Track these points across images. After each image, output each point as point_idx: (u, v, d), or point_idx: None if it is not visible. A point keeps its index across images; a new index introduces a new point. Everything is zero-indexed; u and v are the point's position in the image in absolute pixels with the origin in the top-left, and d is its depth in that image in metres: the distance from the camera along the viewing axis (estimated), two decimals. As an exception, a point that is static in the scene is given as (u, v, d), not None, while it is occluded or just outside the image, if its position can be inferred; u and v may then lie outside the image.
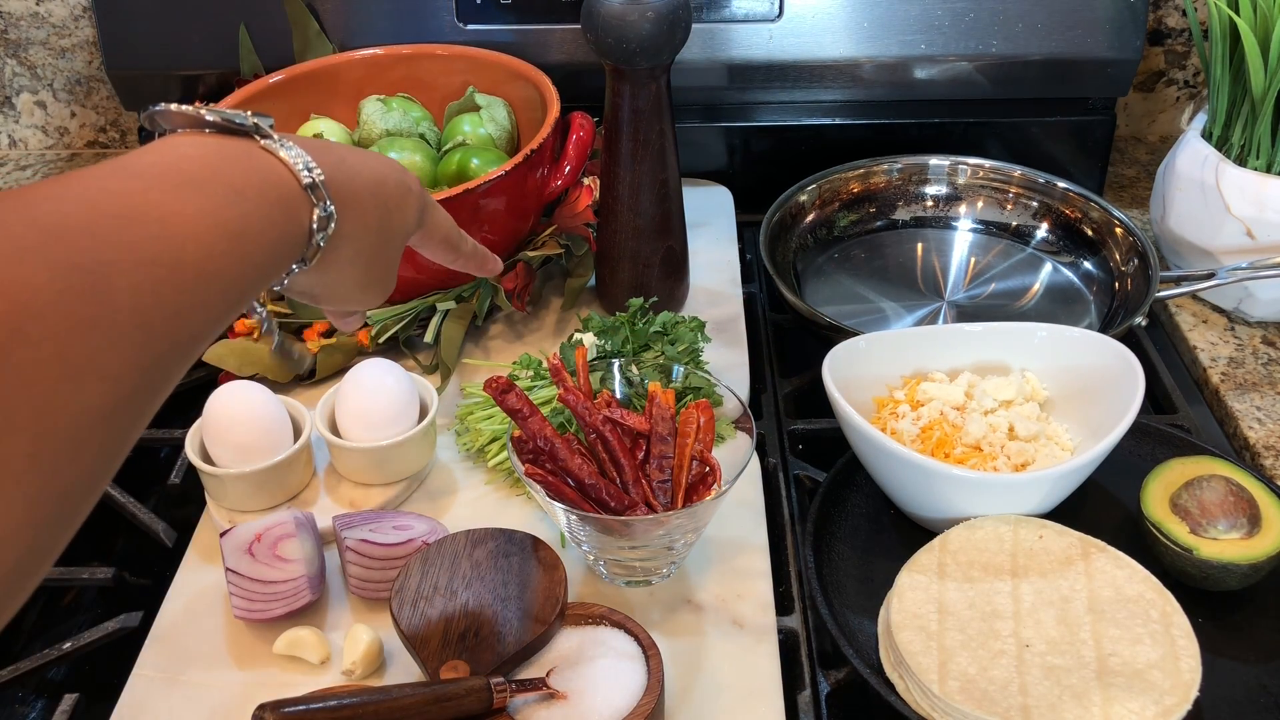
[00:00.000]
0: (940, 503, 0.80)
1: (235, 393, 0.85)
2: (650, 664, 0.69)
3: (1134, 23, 1.16)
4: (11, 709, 0.78)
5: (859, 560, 0.82)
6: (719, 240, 1.16)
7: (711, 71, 1.21)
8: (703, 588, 0.80)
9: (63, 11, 1.33)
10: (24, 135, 1.42)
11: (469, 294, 1.01)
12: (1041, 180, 1.16)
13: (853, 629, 0.76)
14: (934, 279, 1.12)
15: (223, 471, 0.83)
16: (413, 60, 1.16)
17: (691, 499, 0.77)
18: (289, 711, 0.61)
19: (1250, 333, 1.07)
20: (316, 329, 0.97)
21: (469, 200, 0.95)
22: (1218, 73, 1.05)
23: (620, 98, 0.92)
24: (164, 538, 0.88)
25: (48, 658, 0.79)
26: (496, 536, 0.76)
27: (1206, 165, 1.05)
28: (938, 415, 0.86)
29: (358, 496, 0.86)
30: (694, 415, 0.76)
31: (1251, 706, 0.72)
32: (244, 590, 0.76)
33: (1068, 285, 1.11)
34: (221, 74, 1.18)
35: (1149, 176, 1.32)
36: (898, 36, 1.17)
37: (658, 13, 0.87)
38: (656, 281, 1.01)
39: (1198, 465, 0.82)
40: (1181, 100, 1.39)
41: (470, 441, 0.91)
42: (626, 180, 0.96)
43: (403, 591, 0.72)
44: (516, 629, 0.70)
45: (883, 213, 1.19)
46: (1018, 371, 0.89)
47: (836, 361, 0.84)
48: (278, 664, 0.75)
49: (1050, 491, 0.79)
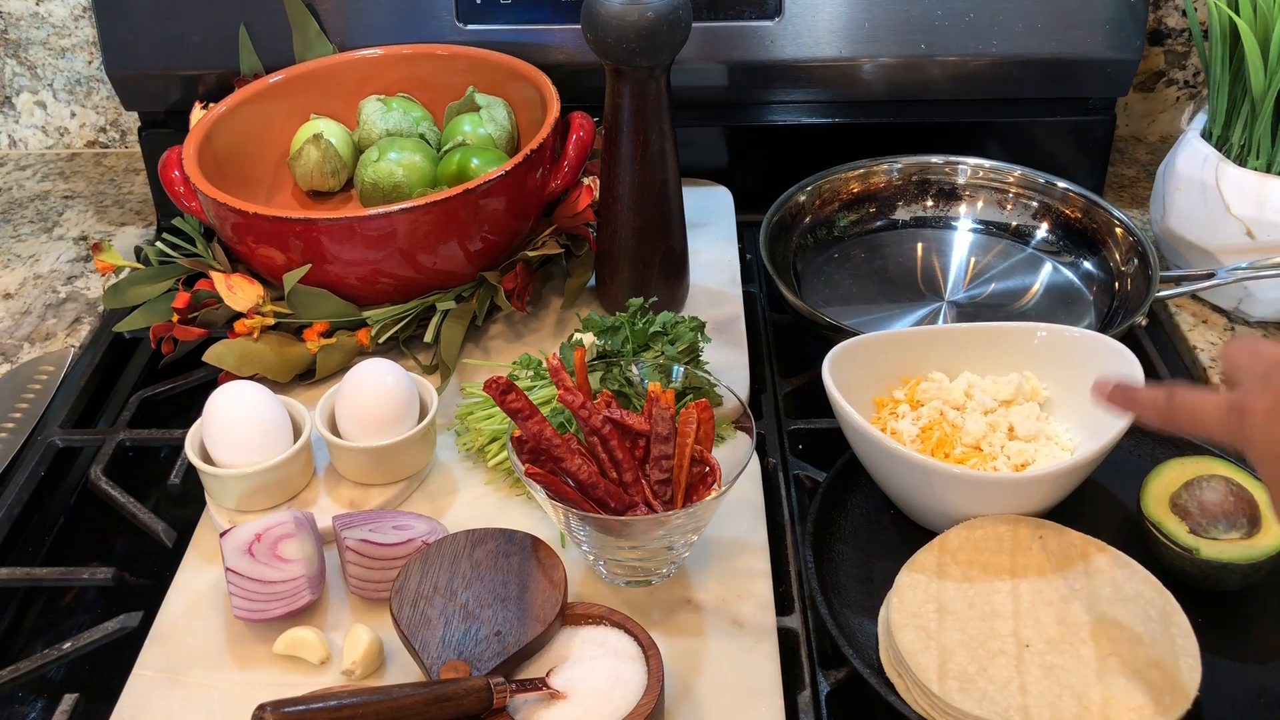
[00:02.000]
0: (940, 503, 0.80)
1: (235, 393, 0.85)
2: (650, 664, 0.69)
3: (1134, 23, 1.16)
4: (11, 709, 0.78)
5: (859, 560, 0.82)
6: (719, 240, 1.16)
7: (711, 71, 1.21)
8: (703, 588, 0.80)
9: (63, 11, 1.33)
10: (24, 135, 1.42)
11: (469, 294, 1.01)
12: (1041, 180, 1.16)
13: (853, 629, 0.76)
14: (934, 279, 1.12)
15: (223, 471, 0.83)
16: (413, 60, 1.16)
17: (691, 499, 0.77)
18: (289, 711, 0.61)
19: (1250, 333, 1.07)
20: (316, 329, 0.97)
21: (469, 200, 0.95)
22: (1218, 73, 1.05)
23: (620, 98, 0.92)
24: (164, 538, 0.88)
25: (48, 658, 0.78)
26: (496, 536, 0.76)
27: (1206, 165, 1.05)
28: (938, 415, 0.87)
29: (358, 496, 0.86)
30: (694, 415, 0.76)
31: (1251, 706, 0.72)
32: (244, 590, 0.76)
33: (1068, 285, 1.11)
34: (221, 74, 1.18)
35: (1149, 176, 1.32)
36: (898, 36, 1.17)
37: (658, 13, 0.87)
38: (656, 281, 1.01)
39: (1198, 465, 0.82)
40: (1181, 100, 1.39)
41: (470, 441, 0.91)
42: (626, 180, 0.96)
43: (403, 591, 0.72)
44: (516, 629, 0.70)
45: (883, 213, 1.19)
46: (1018, 371, 0.89)
47: (836, 361, 0.84)
48: (278, 664, 0.75)
49: (1050, 491, 0.79)
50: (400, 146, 1.08)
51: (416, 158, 1.07)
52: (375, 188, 1.07)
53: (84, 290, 1.17)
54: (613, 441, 0.76)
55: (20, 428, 0.99)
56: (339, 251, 0.94)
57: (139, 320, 1.02)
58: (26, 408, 1.01)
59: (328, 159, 1.10)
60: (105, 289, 1.06)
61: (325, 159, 1.10)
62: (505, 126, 1.11)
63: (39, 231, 1.27)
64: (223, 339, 0.97)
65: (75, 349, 1.08)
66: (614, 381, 0.85)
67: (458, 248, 0.97)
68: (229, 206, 0.94)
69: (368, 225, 0.93)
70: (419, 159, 1.07)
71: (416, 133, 1.12)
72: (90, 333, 1.11)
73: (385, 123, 1.12)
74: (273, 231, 0.94)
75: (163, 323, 0.99)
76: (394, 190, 1.06)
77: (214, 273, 1.00)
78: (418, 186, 1.06)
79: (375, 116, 1.12)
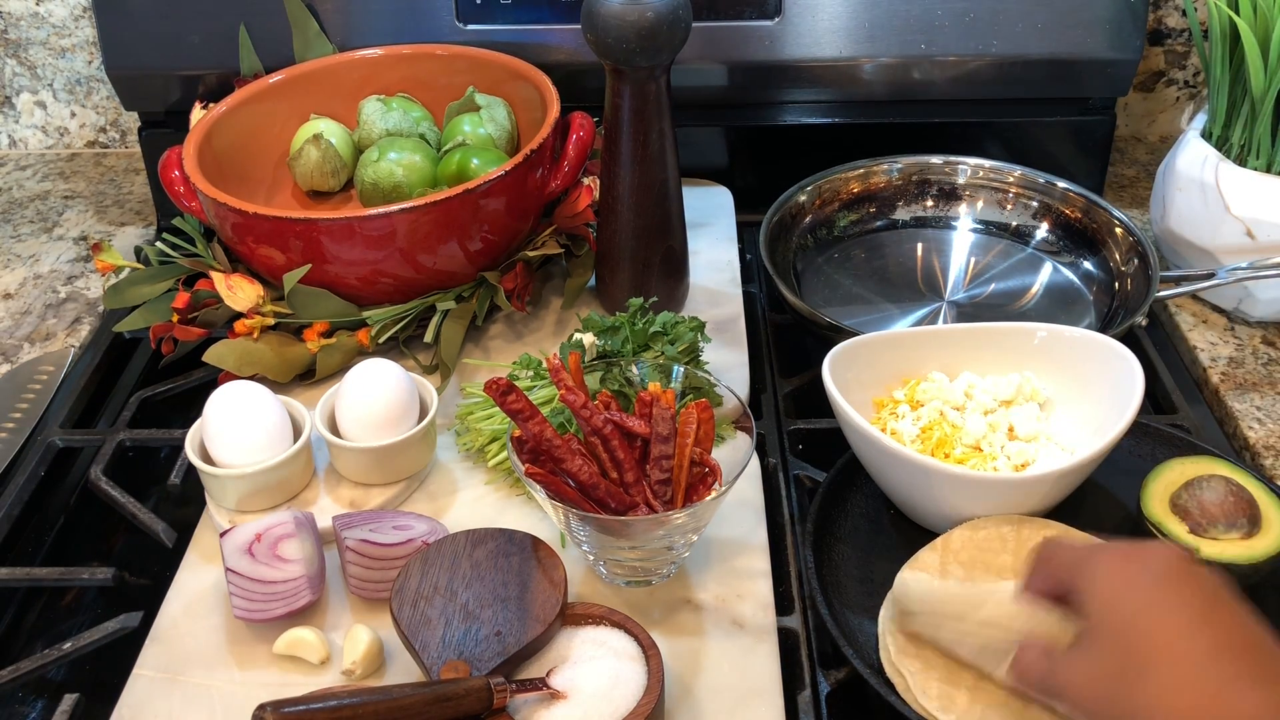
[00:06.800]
0: (940, 503, 0.80)
1: (235, 393, 0.85)
2: (650, 664, 0.69)
3: (1134, 23, 1.16)
4: (11, 709, 0.78)
5: (859, 560, 0.82)
6: (719, 240, 1.16)
7: (711, 71, 1.21)
8: (703, 588, 0.80)
9: (63, 11, 1.33)
10: (24, 135, 1.42)
11: (469, 294, 1.01)
12: (1041, 180, 1.16)
13: (853, 629, 0.76)
14: (934, 279, 1.12)
15: (223, 471, 0.83)
16: (413, 60, 1.16)
17: (691, 499, 0.77)
18: (289, 711, 0.61)
19: (1250, 333, 1.07)
20: (316, 329, 0.97)
21: (469, 200, 0.95)
22: (1218, 73, 1.05)
23: (620, 98, 0.92)
24: (164, 538, 0.88)
25: (48, 658, 0.78)
26: (496, 536, 0.76)
27: (1206, 165, 1.05)
28: (938, 415, 0.87)
29: (358, 496, 0.86)
30: (694, 415, 0.76)
31: (1251, 706, 0.72)
32: (244, 590, 0.76)
33: (1068, 285, 1.11)
34: (221, 74, 1.18)
35: (1149, 176, 1.32)
36: (898, 36, 1.17)
37: (658, 13, 0.87)
38: (656, 281, 1.01)
39: (1198, 465, 0.82)
40: (1181, 100, 1.39)
41: (470, 441, 0.91)
42: (626, 180, 0.96)
43: (403, 591, 0.72)
44: (516, 629, 0.70)
45: (883, 213, 1.19)
46: (1018, 371, 0.89)
47: (836, 361, 0.84)
48: (278, 664, 0.75)
49: (1050, 492, 0.79)
50: (400, 146, 1.08)
51: (416, 158, 1.07)
52: (375, 188, 1.07)
53: (84, 290, 1.17)
54: (614, 441, 0.76)
55: (20, 428, 0.98)
56: (339, 251, 0.94)
57: (139, 320, 1.02)
58: (26, 408, 1.01)
59: (328, 159, 1.10)
60: (105, 289, 1.06)
61: (325, 159, 1.10)
62: (505, 126, 1.11)
63: (39, 231, 1.27)
64: (223, 339, 0.97)
65: (75, 349, 1.08)
66: (614, 381, 0.85)
67: (458, 248, 0.97)
68: (229, 206, 0.94)
69: (368, 225, 0.93)
70: (419, 159, 1.07)
71: (416, 133, 1.12)
72: (90, 333, 1.11)
73: (385, 123, 1.12)
74: (273, 231, 0.94)
75: (163, 323, 0.99)
76: (394, 190, 1.06)
77: (214, 273, 1.00)
78: (418, 186, 1.06)
79: (375, 116, 1.12)
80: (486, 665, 0.68)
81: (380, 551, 0.77)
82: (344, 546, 0.77)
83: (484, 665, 0.68)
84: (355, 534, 0.77)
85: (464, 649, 0.69)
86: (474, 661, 0.68)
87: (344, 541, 0.77)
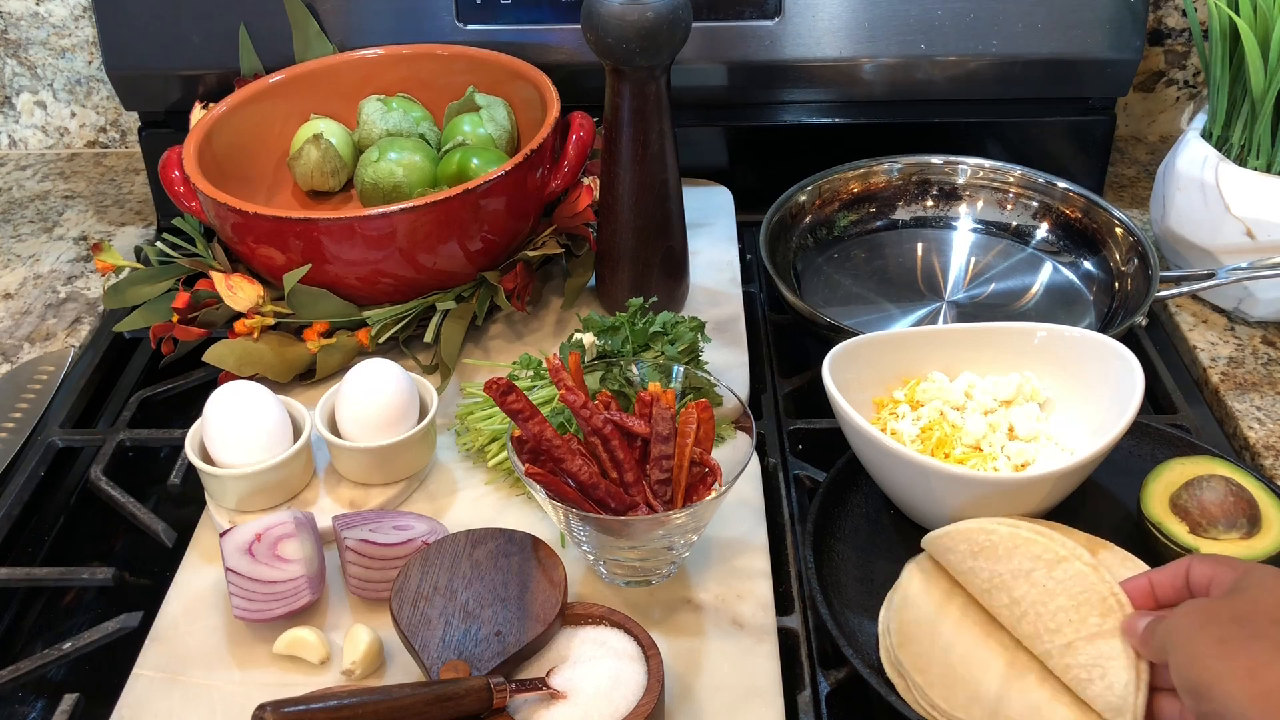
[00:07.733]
0: (940, 503, 0.79)
1: (235, 393, 0.85)
2: (650, 664, 0.69)
3: (1134, 23, 1.16)
4: (11, 709, 0.78)
5: (859, 560, 0.82)
6: (719, 240, 1.16)
7: (711, 71, 1.21)
8: (703, 588, 0.80)
9: (63, 11, 1.33)
10: (24, 135, 1.42)
11: (469, 294, 1.01)
12: (1041, 180, 1.16)
13: (853, 629, 0.76)
14: (934, 279, 1.12)
15: (223, 471, 0.83)
16: (413, 60, 1.16)
17: (691, 499, 0.77)
18: (289, 711, 0.61)
19: (1250, 333, 1.07)
20: (316, 329, 0.97)
21: (469, 200, 0.95)
22: (1218, 73, 1.05)
23: (620, 98, 0.92)
24: (164, 538, 0.88)
25: (48, 658, 0.78)
26: (496, 536, 0.76)
27: (1206, 165, 1.05)
28: (938, 415, 0.87)
29: (358, 496, 0.86)
30: (694, 415, 0.76)
31: (1251, 706, 0.72)
32: (244, 590, 0.76)
33: (1068, 285, 1.11)
34: (221, 74, 1.18)
35: (1149, 176, 1.32)
36: (898, 36, 1.17)
37: (658, 13, 0.87)
38: (656, 281, 1.01)
39: (1198, 465, 0.82)
40: (1181, 100, 1.39)
41: (470, 441, 0.91)
42: (626, 180, 0.96)
43: (403, 591, 0.72)
44: (516, 629, 0.70)
45: (883, 213, 1.19)
46: (1018, 371, 0.89)
47: (836, 361, 0.84)
48: (278, 664, 0.75)
49: (1050, 492, 0.79)
50: (400, 146, 1.08)
51: (416, 158, 1.07)
52: (375, 188, 1.07)
53: (84, 290, 1.17)
54: (614, 441, 0.76)
55: (20, 428, 0.99)
56: (339, 251, 0.94)
57: (139, 320, 1.02)
58: (26, 408, 1.01)
59: (328, 159, 1.10)
60: (105, 289, 1.06)
61: (325, 159, 1.10)
62: (505, 126, 1.11)
63: (39, 231, 1.27)
64: (223, 339, 0.97)
65: (75, 349, 1.08)
66: (614, 381, 0.85)
67: (458, 248, 0.97)
68: (229, 206, 0.94)
69: (368, 225, 0.93)
70: (419, 159, 1.07)
71: (416, 133, 1.12)
72: (90, 333, 1.11)
73: (385, 123, 1.12)
74: (273, 231, 0.94)
75: (163, 323, 0.99)
76: (394, 190, 1.06)
77: (214, 273, 1.00)
78: (418, 186, 1.06)
79: (375, 116, 1.12)
80: (486, 665, 0.68)
81: (380, 551, 0.77)
82: (344, 546, 0.77)
83: (484, 665, 0.68)
84: (355, 534, 0.77)
85: (464, 649, 0.69)
86: (474, 661, 0.68)
87: (344, 541, 0.77)
